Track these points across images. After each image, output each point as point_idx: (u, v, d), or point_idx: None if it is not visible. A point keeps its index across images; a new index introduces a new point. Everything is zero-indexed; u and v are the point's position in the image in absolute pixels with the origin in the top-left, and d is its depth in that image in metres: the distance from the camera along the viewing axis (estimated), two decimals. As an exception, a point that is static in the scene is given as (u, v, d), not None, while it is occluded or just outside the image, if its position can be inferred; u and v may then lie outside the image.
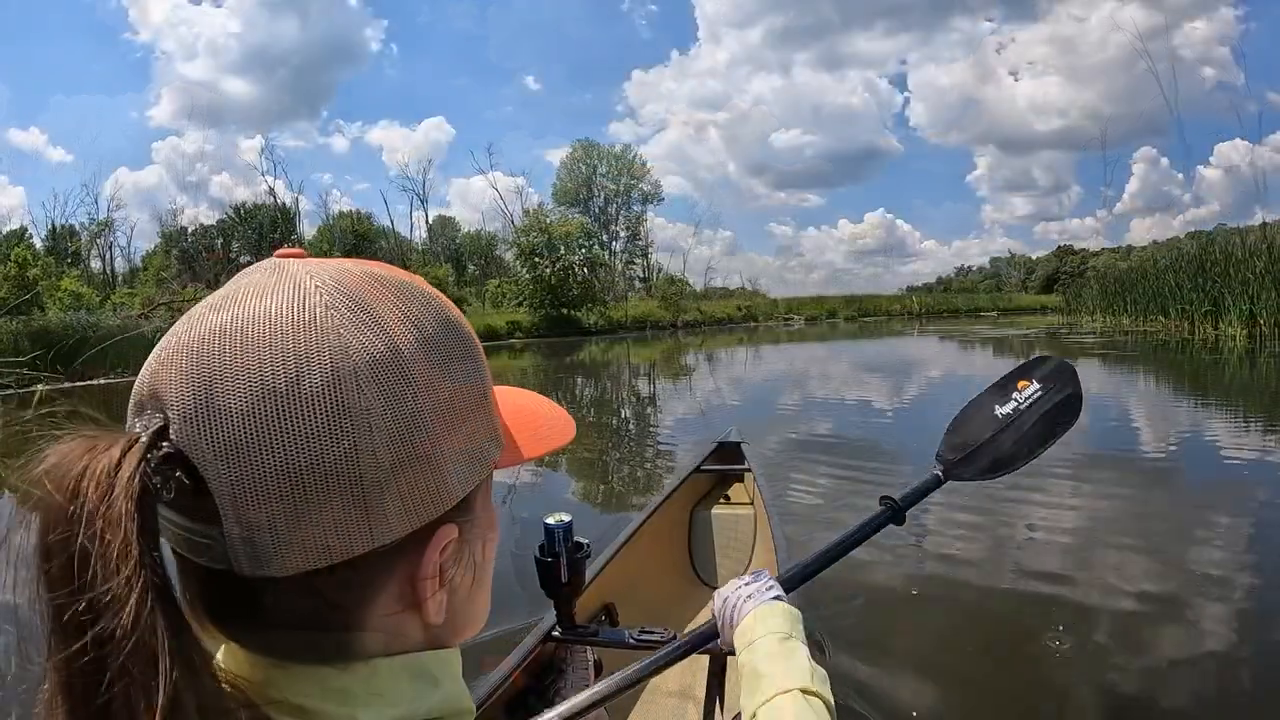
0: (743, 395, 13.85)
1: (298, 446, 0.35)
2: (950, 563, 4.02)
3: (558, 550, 1.29)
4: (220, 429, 0.34)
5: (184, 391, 0.35)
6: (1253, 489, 5.50)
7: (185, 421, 0.35)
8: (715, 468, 3.50)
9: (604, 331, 36.07)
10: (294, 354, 0.35)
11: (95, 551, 0.31)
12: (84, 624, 0.30)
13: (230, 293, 0.38)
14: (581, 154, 53.44)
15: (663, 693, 2.27)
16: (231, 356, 0.35)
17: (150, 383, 0.36)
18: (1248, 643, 3.00)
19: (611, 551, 2.42)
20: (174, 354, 0.36)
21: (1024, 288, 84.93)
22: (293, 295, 0.37)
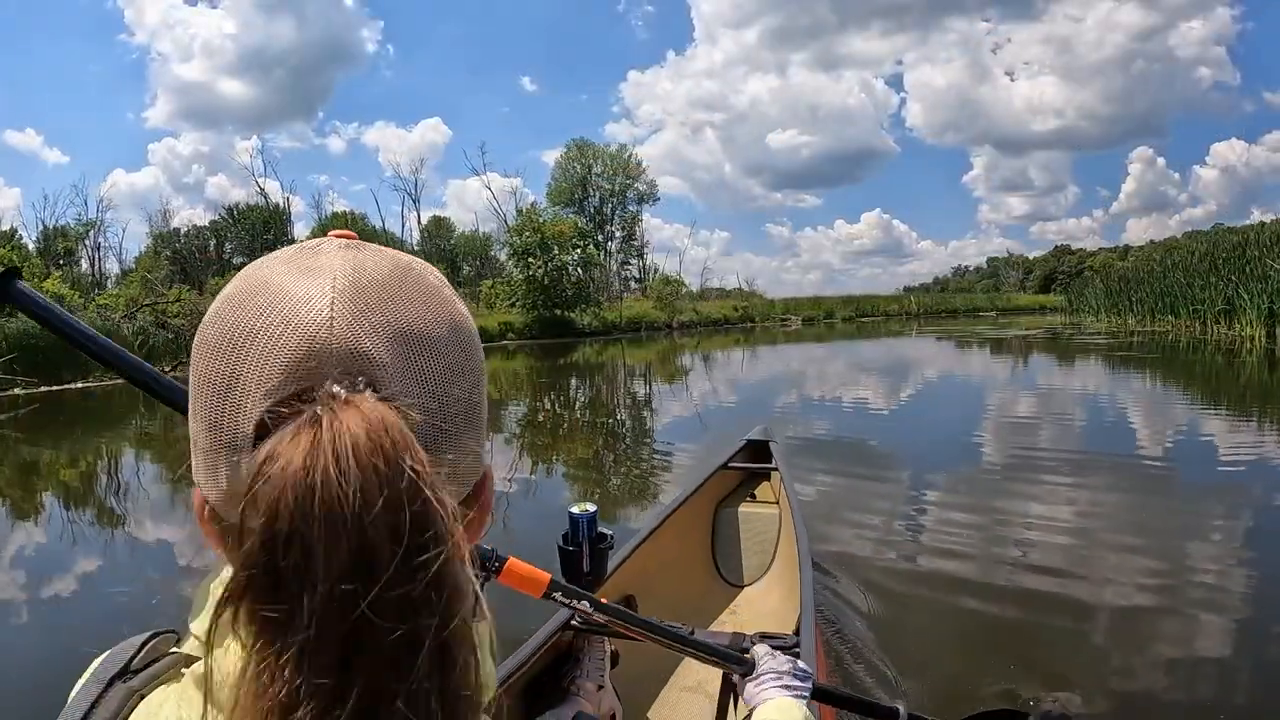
0: (741, 397, 13.46)
1: (466, 392, 0.42)
2: (960, 560, 4.01)
3: (581, 539, 1.29)
4: (427, 382, 0.40)
5: (395, 350, 0.39)
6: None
7: (399, 377, 0.38)
8: (742, 465, 3.47)
9: (598, 333, 35.60)
10: (454, 318, 0.42)
11: (427, 491, 0.33)
12: (419, 568, 0.32)
13: (357, 262, 0.41)
14: (576, 153, 52.85)
15: (678, 687, 2.30)
16: (420, 321, 0.40)
17: (340, 344, 0.37)
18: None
19: (635, 544, 2.42)
20: (362, 320, 0.38)
21: (1022, 287, 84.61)
22: (423, 272, 0.43)
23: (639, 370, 20.92)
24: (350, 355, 0.37)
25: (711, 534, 3.20)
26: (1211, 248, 24.15)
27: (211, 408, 0.39)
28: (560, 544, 1.32)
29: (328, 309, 0.38)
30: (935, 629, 3.30)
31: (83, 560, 5.24)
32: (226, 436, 0.39)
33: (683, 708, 2.25)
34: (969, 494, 5.64)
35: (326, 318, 0.38)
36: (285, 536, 0.32)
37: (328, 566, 0.31)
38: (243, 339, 0.38)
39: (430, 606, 0.33)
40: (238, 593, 0.33)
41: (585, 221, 49.46)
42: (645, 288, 46.04)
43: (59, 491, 7.81)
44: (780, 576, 2.96)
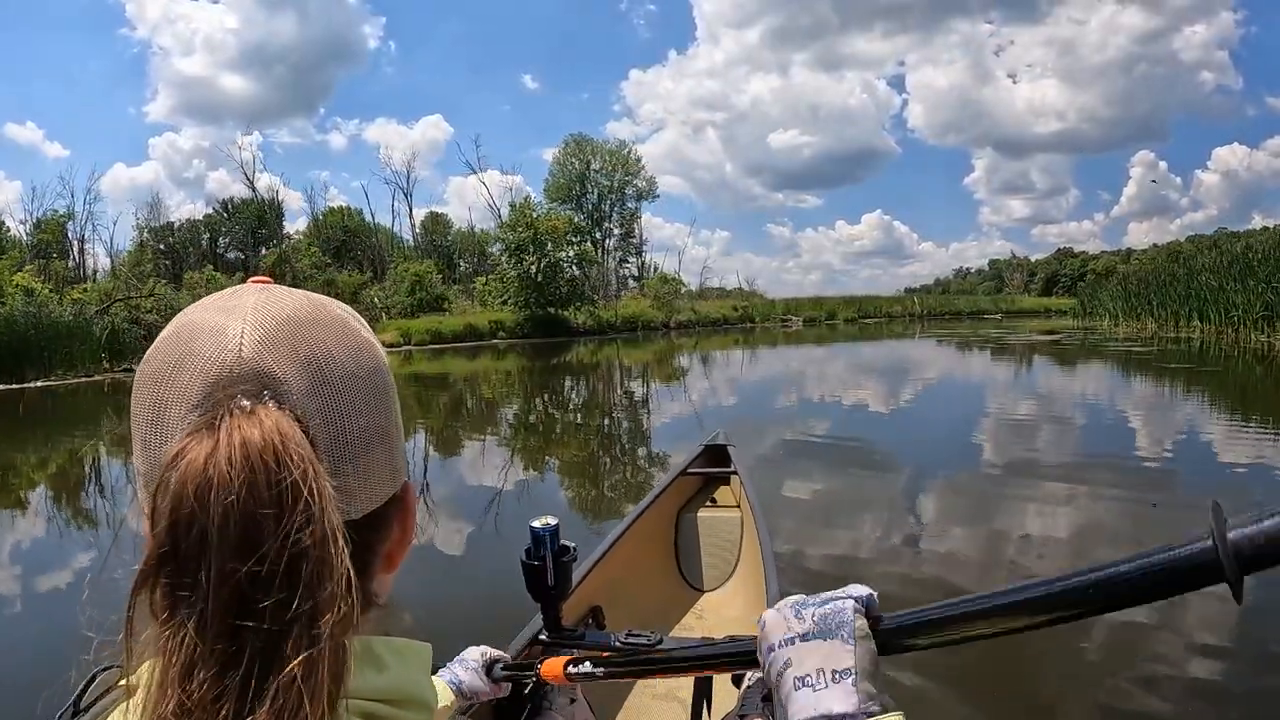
0: (748, 404, 12.56)
1: (373, 411, 0.47)
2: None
3: (544, 554, 1.28)
4: (328, 400, 0.44)
5: (299, 372, 0.44)
6: None
7: (304, 396, 0.43)
8: (702, 470, 3.47)
9: (593, 332, 34.56)
10: (359, 345, 0.48)
11: (310, 489, 0.39)
12: (296, 557, 0.38)
13: (270, 299, 0.47)
14: (575, 149, 51.94)
15: (649, 695, 2.29)
16: (325, 345, 0.46)
17: (250, 365, 0.43)
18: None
19: (598, 555, 2.42)
20: (271, 342, 0.44)
21: (1026, 290, 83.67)
22: (331, 305, 0.49)
23: (635, 372, 20.21)
24: (255, 375, 0.43)
25: (674, 540, 3.20)
26: (1245, 248, 22.92)
27: (145, 433, 0.44)
28: (523, 559, 1.30)
29: (238, 337, 0.43)
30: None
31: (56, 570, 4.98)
32: (157, 457, 0.43)
33: (655, 716, 2.23)
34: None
35: (236, 344, 0.43)
36: (186, 521, 0.38)
37: (219, 547, 0.37)
38: (168, 370, 0.44)
39: (303, 584, 0.38)
40: (151, 570, 0.38)
41: (583, 219, 48.66)
42: (643, 286, 44.96)
43: (32, 495, 7.35)
44: (745, 579, 2.93)
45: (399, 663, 0.47)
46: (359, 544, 0.44)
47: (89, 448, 9.99)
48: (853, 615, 0.55)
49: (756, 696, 1.55)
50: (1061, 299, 74.67)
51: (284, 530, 0.38)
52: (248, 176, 42.79)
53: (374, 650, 0.46)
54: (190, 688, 0.37)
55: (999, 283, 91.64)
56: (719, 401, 13.01)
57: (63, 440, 10.73)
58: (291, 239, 43.56)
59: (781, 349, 27.41)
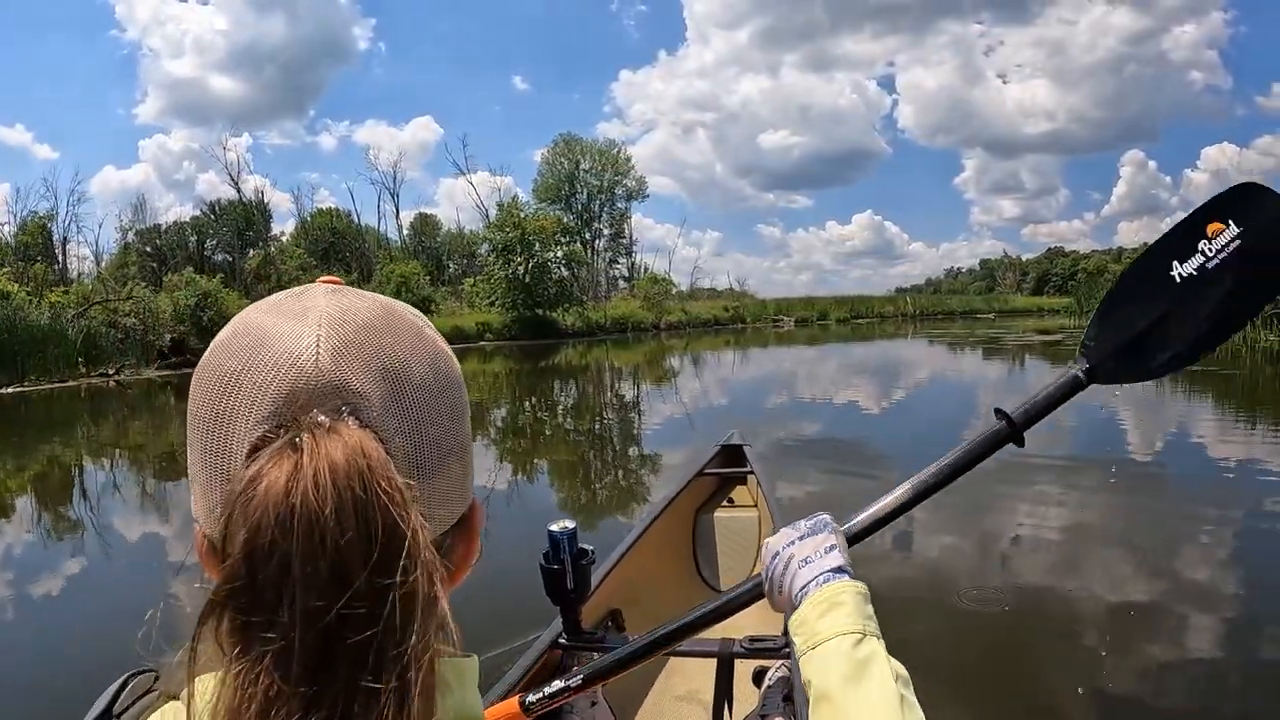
0: (737, 405, 12.35)
1: (451, 424, 0.45)
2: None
3: (563, 557, 1.27)
4: (407, 413, 0.42)
5: (377, 384, 0.42)
6: None
7: (384, 410, 0.41)
8: (718, 471, 3.45)
9: (582, 334, 34.11)
10: (436, 354, 0.46)
11: (397, 512, 0.36)
12: (385, 590, 0.35)
13: (346, 304, 0.44)
14: (564, 149, 51.59)
15: (671, 696, 2.29)
16: (404, 355, 0.44)
17: (328, 377, 0.41)
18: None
19: (616, 557, 2.41)
20: (349, 353, 0.42)
21: (1018, 289, 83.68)
22: (404, 311, 0.47)
23: (625, 373, 19.98)
24: (334, 389, 0.40)
25: (692, 541, 3.19)
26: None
27: (206, 441, 0.42)
28: (542, 563, 1.29)
29: (314, 346, 0.41)
30: (932, 628, 3.28)
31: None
32: (221, 467, 0.41)
33: (677, 717, 2.22)
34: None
35: (313, 354, 0.41)
36: (265, 550, 0.35)
37: (303, 579, 0.34)
38: (235, 377, 0.41)
39: (396, 622, 0.35)
40: (220, 603, 0.36)
41: (572, 219, 48.30)
42: (633, 287, 44.60)
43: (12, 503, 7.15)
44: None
45: (459, 683, 0.45)
46: None
47: (70, 455, 9.69)
48: (829, 519, 0.81)
49: (778, 696, 1.53)
50: (1054, 298, 74.82)
51: (375, 563, 0.35)
52: (232, 177, 42.12)
53: (441, 673, 0.42)
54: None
55: (990, 282, 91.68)
56: (713, 403, 12.86)
57: (39, 449, 10.29)
58: (277, 241, 43.00)
59: (774, 350, 27.16)
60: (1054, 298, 76.70)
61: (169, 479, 7.60)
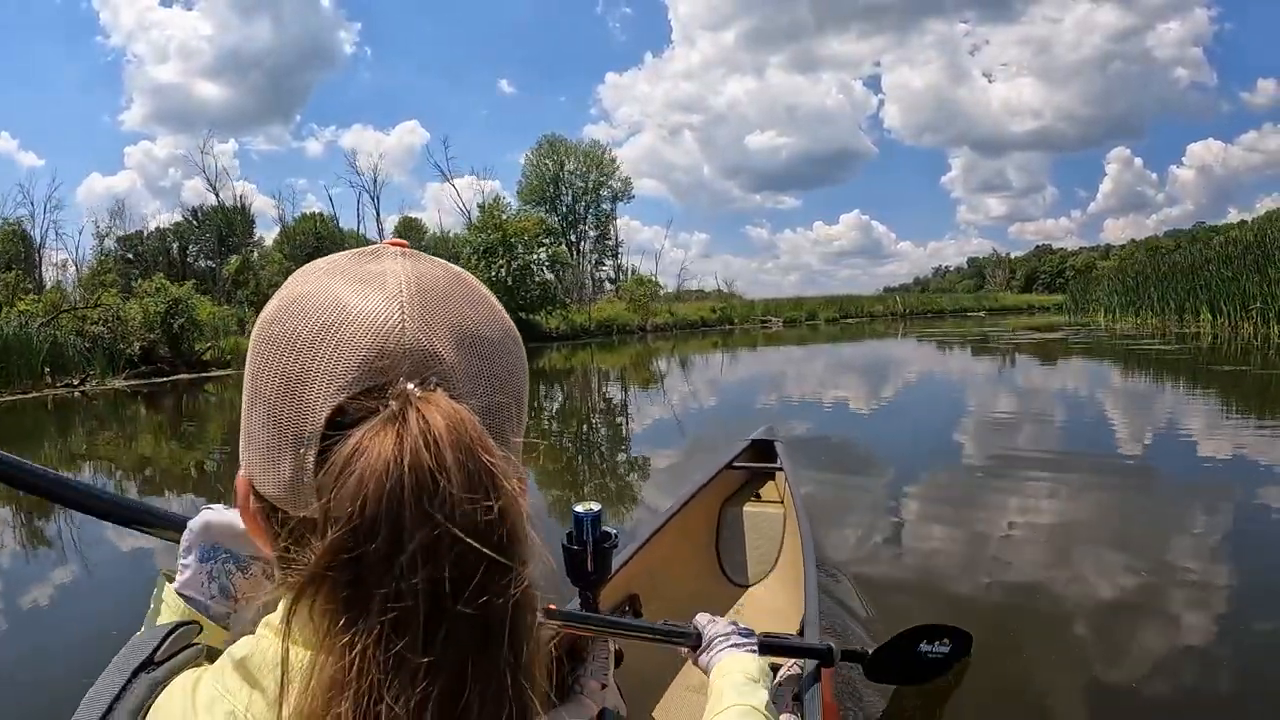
0: (727, 413, 11.44)
1: (516, 392, 0.45)
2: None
3: (585, 539, 1.29)
4: (483, 380, 0.42)
5: (457, 350, 0.41)
6: None
7: (464, 377, 0.41)
8: (747, 465, 3.44)
9: (566, 337, 33.38)
10: (505, 325, 0.46)
11: (497, 469, 0.36)
12: (500, 557, 0.35)
13: (418, 271, 0.44)
14: (548, 150, 50.98)
15: (683, 686, 2.31)
16: (477, 321, 0.44)
17: (415, 342, 0.40)
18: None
19: (639, 543, 2.44)
20: (429, 320, 0.41)
21: (1008, 287, 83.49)
22: (474, 282, 0.47)
23: (612, 375, 19.32)
24: (421, 355, 0.40)
25: (716, 533, 3.17)
26: (1258, 235, 21.82)
27: (277, 402, 0.41)
28: (564, 543, 1.31)
29: (399, 311, 0.40)
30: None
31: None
32: (293, 430, 0.40)
33: (688, 707, 2.24)
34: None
35: (399, 319, 0.40)
36: (375, 523, 0.34)
37: (417, 552, 0.34)
38: (313, 338, 0.40)
39: (505, 595, 0.35)
40: (320, 577, 0.35)
41: (557, 220, 47.65)
42: (619, 289, 43.96)
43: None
44: (784, 576, 2.94)
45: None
46: None
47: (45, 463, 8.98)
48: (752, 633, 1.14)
49: (788, 694, 1.59)
50: (1044, 295, 74.53)
51: (487, 535, 0.34)
52: (209, 182, 41.33)
53: None
54: (382, 702, 0.33)
55: (979, 280, 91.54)
56: (701, 405, 12.22)
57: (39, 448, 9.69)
58: (260, 246, 42.23)
59: (764, 351, 26.46)
60: (1043, 295, 76.56)
61: (151, 493, 7.03)
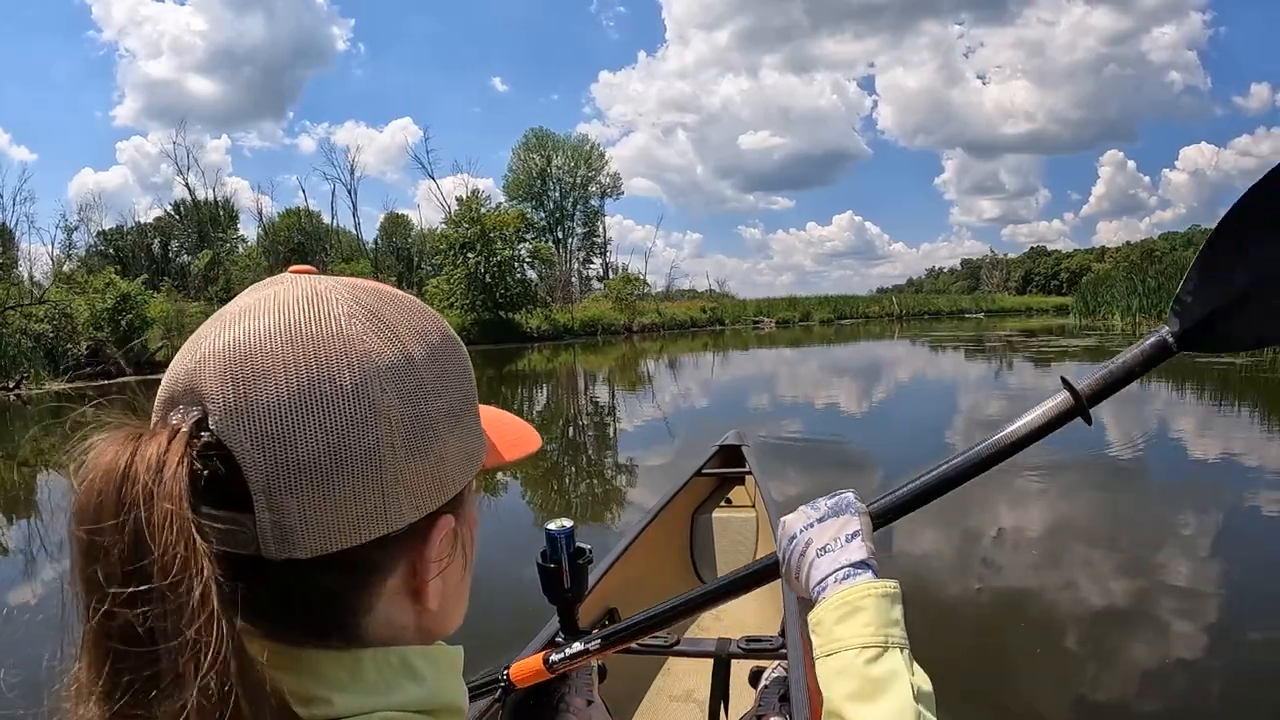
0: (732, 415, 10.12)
1: (328, 439, 0.38)
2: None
3: (559, 556, 1.28)
4: (259, 421, 0.38)
5: (224, 388, 0.38)
6: None
7: (226, 414, 0.38)
8: (716, 471, 3.43)
9: (548, 337, 31.88)
10: (325, 355, 0.39)
11: (153, 526, 0.34)
12: (138, 596, 0.34)
13: (256, 300, 0.41)
14: (535, 144, 49.52)
15: (667, 696, 2.29)
16: (268, 357, 0.39)
17: (186, 379, 0.39)
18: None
19: (613, 557, 2.41)
20: (211, 354, 0.39)
21: (1005, 288, 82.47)
22: (319, 305, 0.41)
23: (599, 379, 18.26)
24: (189, 390, 0.39)
25: (690, 541, 3.16)
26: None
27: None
28: (539, 562, 1.29)
29: (208, 342, 0.40)
30: (926, 626, 3.14)
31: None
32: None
33: (673, 716, 2.22)
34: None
35: (191, 352, 0.40)
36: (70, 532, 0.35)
37: (78, 568, 0.35)
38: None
39: (162, 619, 0.34)
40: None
41: (544, 217, 46.21)
42: (607, 288, 42.40)
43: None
44: None
45: (434, 671, 0.45)
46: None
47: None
48: (854, 498, 0.72)
49: (774, 696, 1.53)
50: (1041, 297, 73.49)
51: (125, 568, 0.34)
52: (182, 173, 39.73)
53: (410, 662, 0.44)
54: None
55: (973, 282, 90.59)
56: (696, 407, 11.38)
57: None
58: (243, 241, 40.70)
59: (757, 352, 25.09)
60: (1040, 296, 75.58)
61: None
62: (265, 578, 0.39)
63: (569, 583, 1.27)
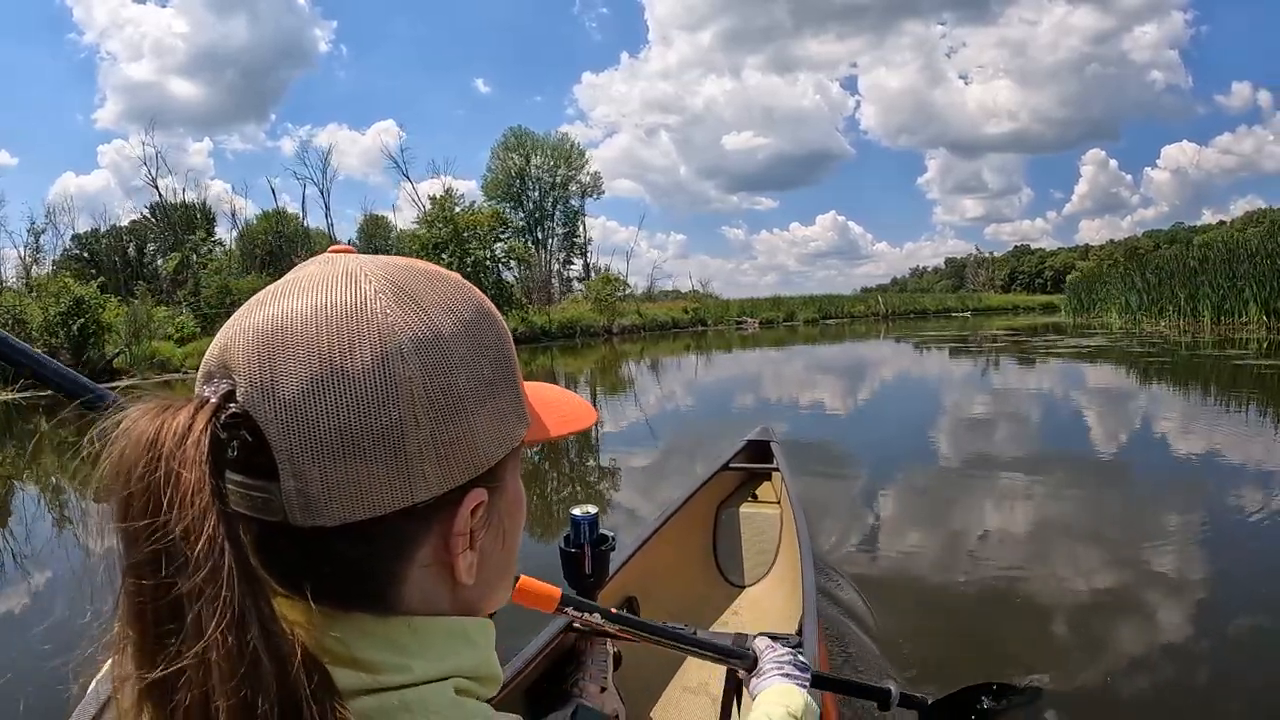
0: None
1: (349, 410, 0.40)
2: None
3: (582, 541, 1.31)
4: (282, 394, 0.39)
5: (251, 361, 0.40)
6: None
7: (252, 387, 0.40)
8: (743, 465, 3.43)
9: (525, 340, 30.84)
10: (348, 330, 0.40)
11: (173, 487, 0.36)
12: (160, 551, 0.35)
13: (292, 280, 0.43)
14: (514, 143, 48.69)
15: (681, 688, 2.31)
16: (294, 331, 0.40)
17: (220, 355, 0.41)
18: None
19: (636, 545, 2.41)
20: (242, 331, 0.41)
21: (992, 286, 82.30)
22: (346, 282, 0.42)
23: (581, 381, 17.25)
24: (221, 366, 0.41)
25: (713, 535, 3.15)
26: None
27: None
28: (562, 546, 1.32)
29: (241, 320, 0.42)
30: (937, 626, 3.32)
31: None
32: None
33: (686, 708, 2.24)
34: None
35: (229, 330, 0.42)
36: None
37: (114, 528, 0.37)
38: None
39: (183, 574, 0.35)
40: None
41: (523, 217, 45.41)
42: (587, 289, 41.58)
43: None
44: (782, 576, 2.95)
45: (485, 640, 0.47)
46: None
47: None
48: (799, 665, 1.10)
49: None
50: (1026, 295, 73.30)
51: (150, 531, 0.36)
52: (151, 176, 38.54)
53: (467, 630, 0.46)
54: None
55: (957, 281, 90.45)
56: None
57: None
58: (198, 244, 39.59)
59: (740, 354, 24.33)
60: (1025, 294, 75.42)
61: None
62: (297, 545, 0.41)
63: (590, 568, 1.32)
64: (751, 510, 3.19)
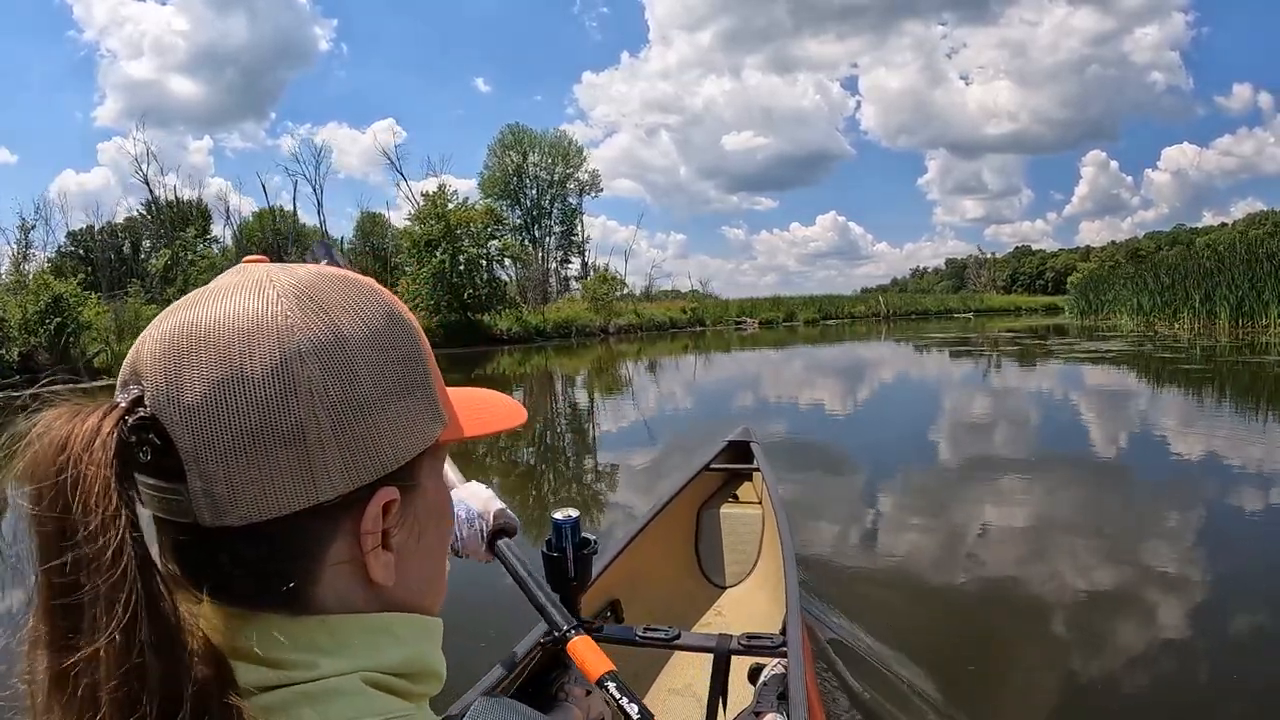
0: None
1: (250, 412, 0.41)
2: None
3: (564, 545, 1.30)
4: (186, 397, 0.40)
5: (157, 367, 0.41)
6: None
7: (158, 391, 0.41)
8: (724, 466, 3.46)
9: (519, 339, 30.25)
10: (248, 334, 0.41)
11: (82, 489, 0.37)
12: (69, 550, 0.37)
13: (204, 289, 0.44)
14: (511, 140, 48.19)
15: (666, 689, 2.33)
16: (198, 338, 0.41)
17: (132, 362, 0.43)
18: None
19: (618, 548, 2.42)
20: (152, 338, 0.42)
21: (994, 287, 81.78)
22: (251, 288, 0.43)
23: (579, 384, 17.01)
24: (133, 373, 0.42)
25: (695, 536, 3.17)
26: None
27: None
28: (544, 550, 1.31)
29: (147, 333, 0.43)
30: (924, 625, 3.31)
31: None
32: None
33: (671, 710, 2.25)
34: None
35: (145, 337, 0.43)
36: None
37: (29, 529, 0.38)
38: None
39: (85, 574, 0.37)
40: None
41: (520, 215, 44.88)
42: (584, 288, 40.99)
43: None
44: (765, 576, 2.97)
45: (414, 635, 0.47)
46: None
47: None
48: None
49: (772, 693, 1.56)
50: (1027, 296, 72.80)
51: (59, 530, 0.38)
52: (142, 173, 38.06)
53: (390, 625, 0.46)
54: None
55: (958, 282, 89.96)
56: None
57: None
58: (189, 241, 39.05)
59: (739, 354, 23.82)
60: (1026, 296, 74.90)
61: None
62: (208, 546, 0.42)
63: (573, 572, 1.31)
64: (733, 510, 3.21)
